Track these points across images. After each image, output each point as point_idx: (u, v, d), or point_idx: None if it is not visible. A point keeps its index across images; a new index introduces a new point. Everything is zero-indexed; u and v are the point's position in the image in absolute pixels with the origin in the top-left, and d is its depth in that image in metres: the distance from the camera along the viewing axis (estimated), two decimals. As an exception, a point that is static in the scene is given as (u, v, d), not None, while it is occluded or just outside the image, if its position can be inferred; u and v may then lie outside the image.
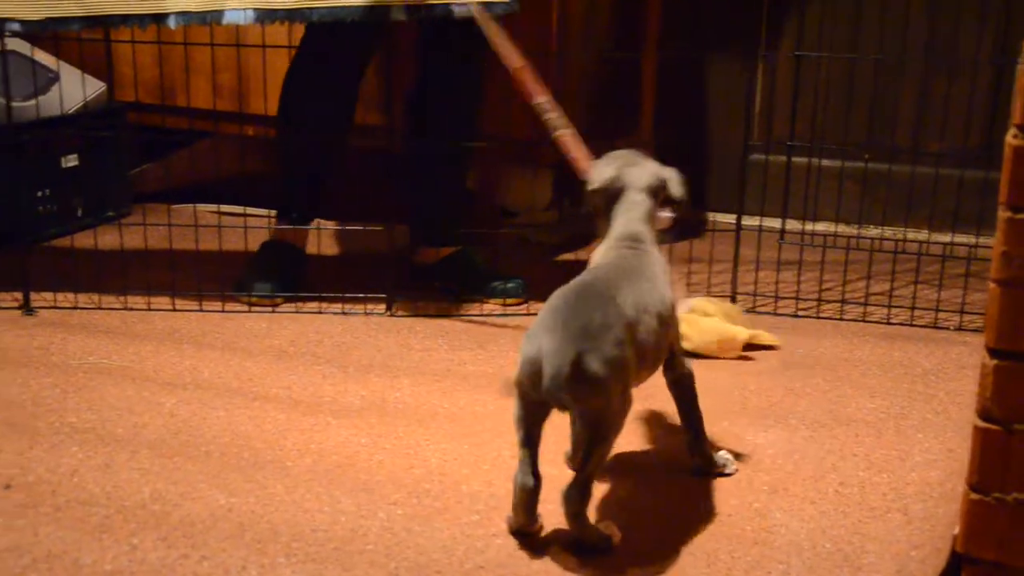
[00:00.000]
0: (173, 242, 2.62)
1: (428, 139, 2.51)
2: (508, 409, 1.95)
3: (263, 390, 2.05)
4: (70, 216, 2.96)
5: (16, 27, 2.12)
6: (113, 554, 1.49)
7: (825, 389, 2.10)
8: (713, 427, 1.86)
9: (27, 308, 2.38)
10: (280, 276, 2.51)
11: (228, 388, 2.05)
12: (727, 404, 2.02)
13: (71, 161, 2.96)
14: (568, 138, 1.94)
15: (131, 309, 2.43)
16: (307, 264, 2.61)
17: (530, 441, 1.52)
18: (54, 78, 2.90)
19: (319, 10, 2.14)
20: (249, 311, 2.44)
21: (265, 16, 2.14)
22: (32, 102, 2.77)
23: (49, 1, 2.11)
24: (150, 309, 2.44)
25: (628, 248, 1.65)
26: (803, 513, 1.64)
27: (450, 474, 1.75)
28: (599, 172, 1.71)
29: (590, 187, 1.71)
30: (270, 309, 2.46)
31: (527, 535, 1.55)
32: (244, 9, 2.13)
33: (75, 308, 2.41)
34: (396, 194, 2.55)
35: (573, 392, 1.44)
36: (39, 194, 2.86)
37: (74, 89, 2.91)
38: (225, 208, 3.02)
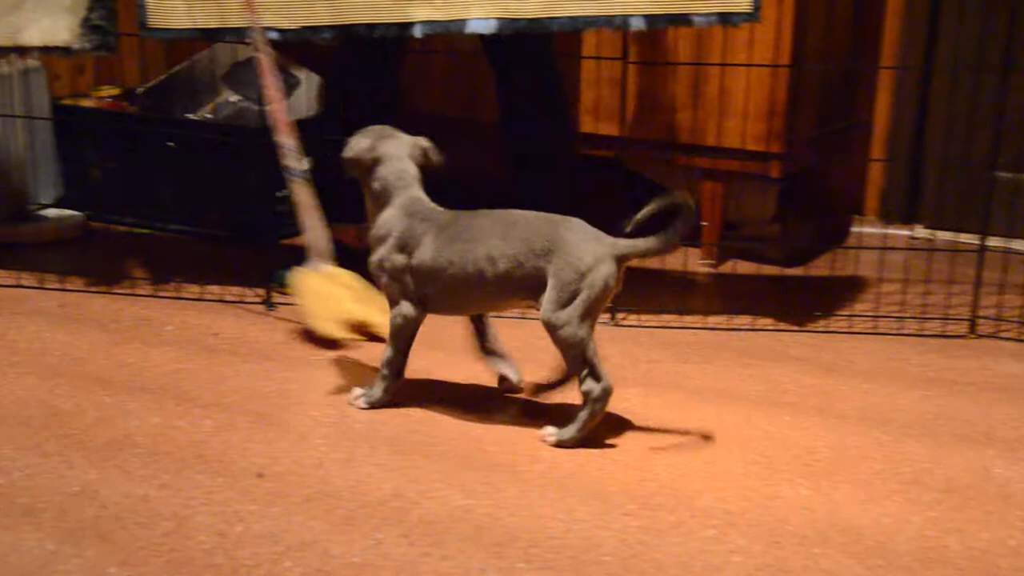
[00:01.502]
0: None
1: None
2: (740, 425, 1.95)
3: (492, 393, 2.08)
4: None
5: (275, 35, 2.22)
6: (360, 547, 1.54)
7: (1079, 422, 1.98)
8: (955, 456, 1.78)
9: (269, 303, 2.49)
10: None
11: (458, 390, 2.09)
12: (972, 433, 1.93)
13: (307, 163, 3.07)
14: (303, 187, 2.17)
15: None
16: None
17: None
18: (295, 83, 3.03)
19: (560, 20, 2.16)
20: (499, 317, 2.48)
21: (507, 25, 2.18)
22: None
23: (304, 11, 2.20)
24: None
25: (431, 210, 1.93)
26: (1062, 553, 1.55)
27: (682, 488, 1.73)
28: (355, 143, 1.95)
29: (344, 155, 1.95)
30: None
31: None
32: (487, 18, 2.17)
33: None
34: (624, 205, 2.54)
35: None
36: (279, 194, 2.99)
37: (314, 94, 3.03)
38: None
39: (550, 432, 1.89)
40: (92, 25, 2.20)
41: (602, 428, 1.93)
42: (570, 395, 1.93)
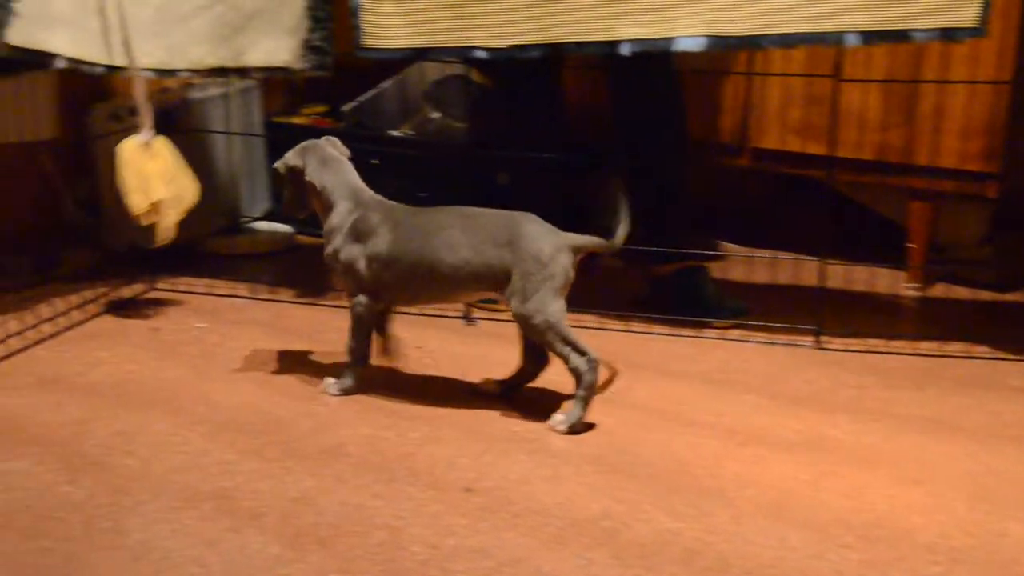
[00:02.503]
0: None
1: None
2: (958, 457, 1.86)
3: (696, 415, 2.05)
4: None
5: (482, 54, 2.26)
6: (571, 566, 1.54)
7: None
8: None
9: (468, 318, 2.53)
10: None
11: (662, 411, 2.07)
12: None
13: (503, 179, 3.11)
14: None
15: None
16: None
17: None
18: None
19: (771, 37, 2.12)
20: (673, 335, 2.46)
21: (717, 43, 2.15)
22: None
23: (513, 30, 2.23)
24: (577, 326, 2.51)
25: (376, 200, 2.09)
26: None
27: (901, 521, 1.67)
28: (288, 156, 2.13)
29: (277, 166, 2.15)
30: (694, 334, 2.47)
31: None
32: (696, 36, 2.15)
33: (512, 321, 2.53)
34: (829, 225, 2.48)
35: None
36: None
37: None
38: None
39: (559, 420, 1.97)
40: (312, 46, 2.28)
41: (812, 453, 1.88)
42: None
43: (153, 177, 2.31)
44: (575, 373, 1.95)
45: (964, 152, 2.57)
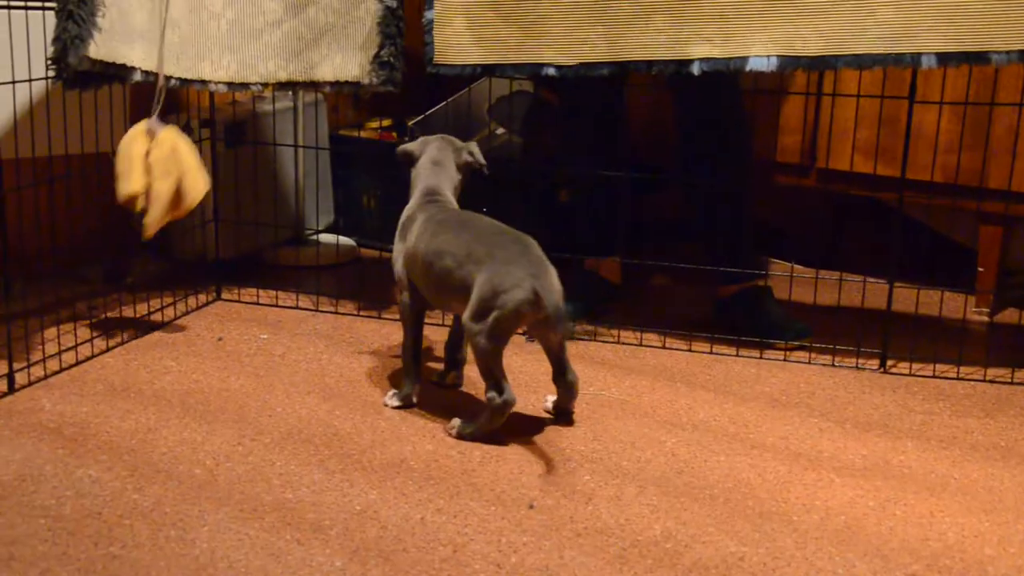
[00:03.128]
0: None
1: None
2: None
3: (760, 438, 2.03)
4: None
5: (551, 71, 2.26)
6: (633, 587, 1.53)
7: None
8: None
9: (528, 335, 2.52)
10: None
11: (725, 432, 2.05)
12: None
13: (566, 196, 3.11)
14: None
15: (623, 343, 2.51)
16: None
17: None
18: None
19: (845, 58, 2.10)
20: (736, 355, 2.44)
21: (788, 63, 2.14)
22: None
23: (583, 47, 2.23)
24: (641, 344, 2.50)
25: (432, 201, 2.13)
26: None
27: (971, 552, 1.64)
28: (410, 143, 2.24)
29: (397, 149, 2.24)
30: (757, 355, 2.45)
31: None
32: (768, 56, 2.14)
33: (574, 339, 2.53)
34: (898, 248, 2.44)
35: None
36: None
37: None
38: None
39: (453, 424, 2.01)
40: (382, 62, 2.30)
41: (878, 481, 1.86)
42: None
43: (140, 165, 2.24)
44: (487, 403, 1.96)
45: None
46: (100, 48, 2.10)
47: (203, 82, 2.36)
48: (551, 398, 2.10)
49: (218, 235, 2.80)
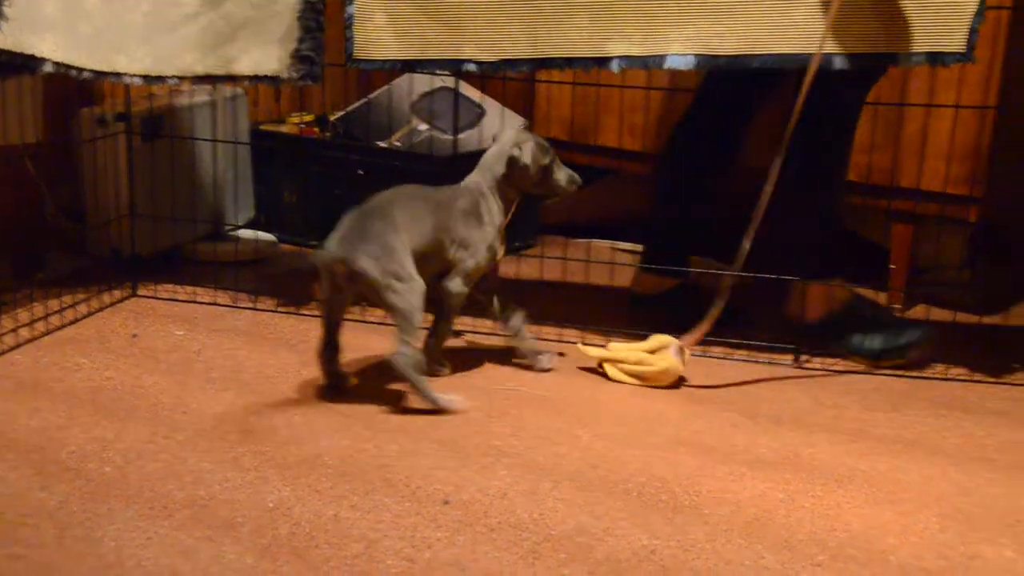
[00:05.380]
0: (568, 275, 2.72)
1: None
2: (933, 477, 1.88)
3: (674, 432, 2.06)
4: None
5: (472, 67, 2.26)
6: (545, 581, 1.54)
7: None
8: None
9: (455, 332, 2.52)
10: None
11: (641, 427, 2.07)
12: None
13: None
14: None
15: (542, 339, 2.52)
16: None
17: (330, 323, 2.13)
18: (481, 113, 3.08)
19: (761, 57, 2.14)
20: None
21: (706, 61, 2.16)
22: (465, 135, 2.96)
23: (504, 44, 2.24)
24: (560, 340, 2.52)
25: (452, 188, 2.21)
26: None
27: (875, 541, 1.68)
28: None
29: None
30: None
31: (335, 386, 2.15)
32: (685, 55, 2.17)
33: (492, 334, 2.53)
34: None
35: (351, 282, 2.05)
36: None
37: (498, 124, 3.07)
38: (621, 245, 3.10)
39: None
40: (301, 56, 2.28)
41: (788, 474, 1.89)
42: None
43: (633, 354, 2.28)
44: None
45: (948, 176, 2.59)
46: (7, 38, 2.06)
47: (118, 75, 2.32)
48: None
49: (134, 230, 2.76)
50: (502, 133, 2.28)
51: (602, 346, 2.34)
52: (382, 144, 3.07)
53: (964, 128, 2.55)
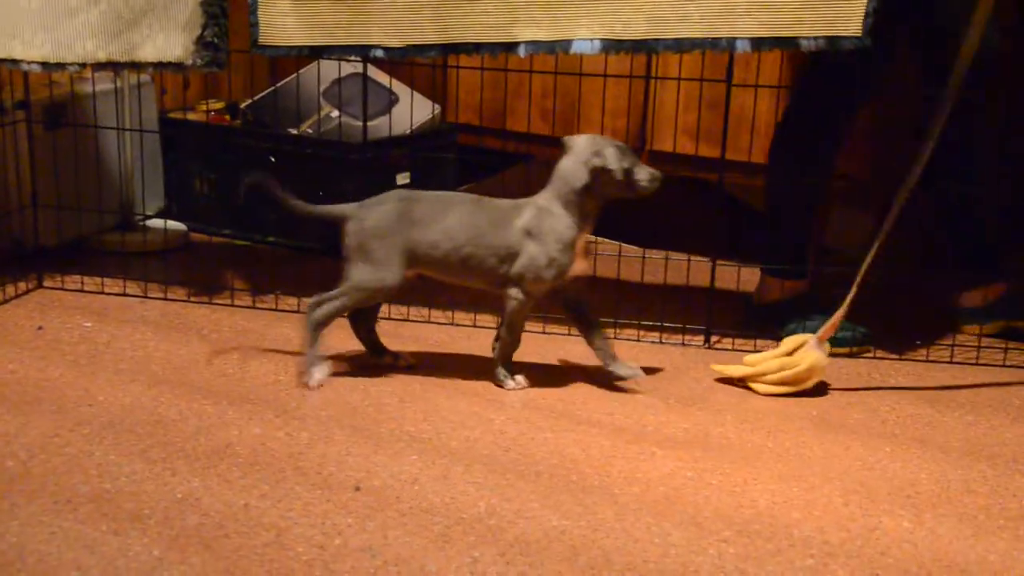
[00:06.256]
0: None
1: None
2: (837, 454, 1.92)
3: (586, 414, 2.08)
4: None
5: (379, 53, 2.25)
6: (456, 564, 1.55)
7: None
8: None
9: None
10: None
11: (553, 410, 2.09)
12: None
13: (404, 179, 3.11)
14: None
15: (457, 325, 2.53)
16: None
17: None
18: (394, 100, 3.06)
19: (666, 41, 2.16)
20: (568, 334, 2.48)
21: (612, 46, 2.18)
22: (377, 121, 2.95)
23: (411, 29, 2.23)
24: (475, 326, 2.52)
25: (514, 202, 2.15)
26: None
27: (780, 516, 1.71)
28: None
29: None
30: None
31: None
32: (592, 39, 2.18)
33: (407, 320, 2.53)
34: (721, 227, 2.52)
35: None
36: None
37: (414, 110, 3.07)
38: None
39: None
40: (205, 42, 2.25)
41: (697, 452, 1.92)
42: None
43: (775, 361, 2.22)
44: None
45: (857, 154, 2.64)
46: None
47: (14, 61, 2.28)
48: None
49: (37, 221, 2.70)
50: (572, 142, 2.16)
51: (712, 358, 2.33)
52: (293, 131, 3.05)
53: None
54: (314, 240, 2.97)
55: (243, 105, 3.17)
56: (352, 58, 2.66)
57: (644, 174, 2.15)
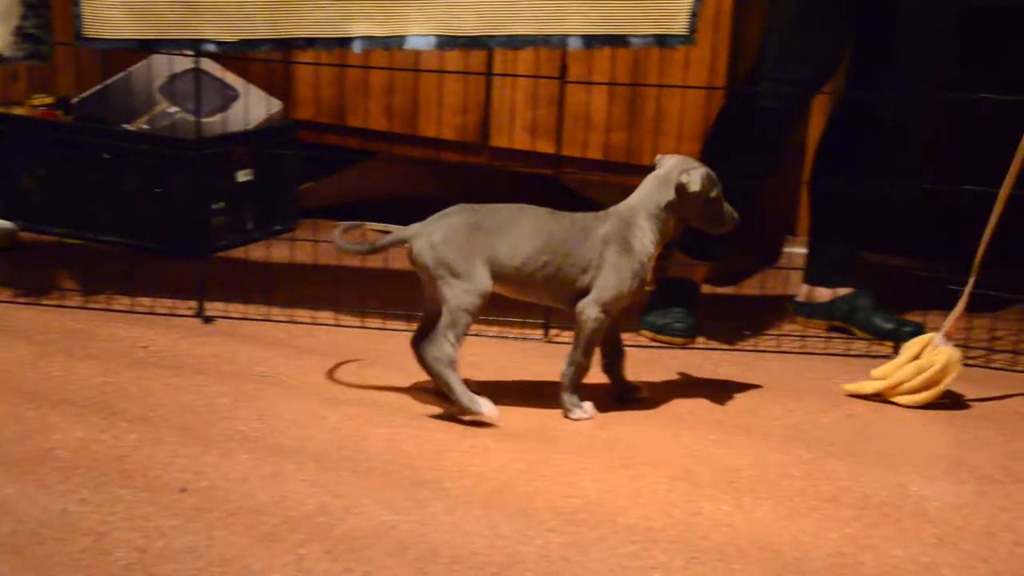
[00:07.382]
0: (341, 259, 2.70)
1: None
2: (666, 442, 1.97)
3: (423, 409, 2.08)
4: (241, 229, 3.07)
5: (212, 47, 2.22)
6: (281, 563, 1.54)
7: (999, 443, 2.02)
8: (874, 474, 1.82)
9: (203, 316, 2.47)
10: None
11: (390, 406, 2.09)
12: (892, 452, 1.97)
13: (245, 176, 3.07)
14: None
15: (297, 322, 2.50)
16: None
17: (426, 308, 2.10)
18: (235, 95, 3.02)
19: (498, 38, 2.18)
20: (408, 330, 2.48)
21: (446, 43, 2.19)
22: (215, 118, 2.90)
23: (244, 24, 2.20)
24: (314, 323, 2.50)
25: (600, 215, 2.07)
26: (974, 571, 1.59)
27: (607, 505, 1.75)
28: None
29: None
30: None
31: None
32: (426, 36, 2.19)
33: (244, 319, 2.50)
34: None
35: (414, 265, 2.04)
36: (214, 206, 2.98)
37: (253, 106, 3.02)
38: (391, 227, 3.09)
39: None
40: (25, 34, 2.18)
41: (531, 444, 1.95)
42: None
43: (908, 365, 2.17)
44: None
45: (681, 152, 2.70)
46: None
47: None
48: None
49: None
50: (664, 159, 2.09)
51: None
52: (128, 127, 2.97)
53: (693, 108, 2.68)
54: (150, 239, 2.90)
55: (75, 99, 3.07)
56: (186, 52, 2.62)
57: (726, 210, 2.09)
